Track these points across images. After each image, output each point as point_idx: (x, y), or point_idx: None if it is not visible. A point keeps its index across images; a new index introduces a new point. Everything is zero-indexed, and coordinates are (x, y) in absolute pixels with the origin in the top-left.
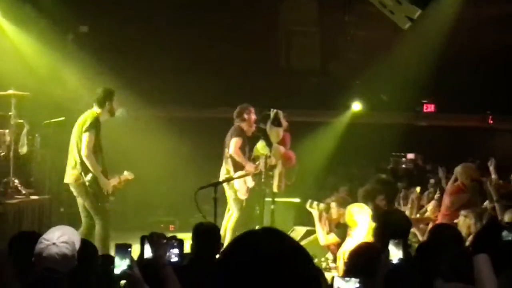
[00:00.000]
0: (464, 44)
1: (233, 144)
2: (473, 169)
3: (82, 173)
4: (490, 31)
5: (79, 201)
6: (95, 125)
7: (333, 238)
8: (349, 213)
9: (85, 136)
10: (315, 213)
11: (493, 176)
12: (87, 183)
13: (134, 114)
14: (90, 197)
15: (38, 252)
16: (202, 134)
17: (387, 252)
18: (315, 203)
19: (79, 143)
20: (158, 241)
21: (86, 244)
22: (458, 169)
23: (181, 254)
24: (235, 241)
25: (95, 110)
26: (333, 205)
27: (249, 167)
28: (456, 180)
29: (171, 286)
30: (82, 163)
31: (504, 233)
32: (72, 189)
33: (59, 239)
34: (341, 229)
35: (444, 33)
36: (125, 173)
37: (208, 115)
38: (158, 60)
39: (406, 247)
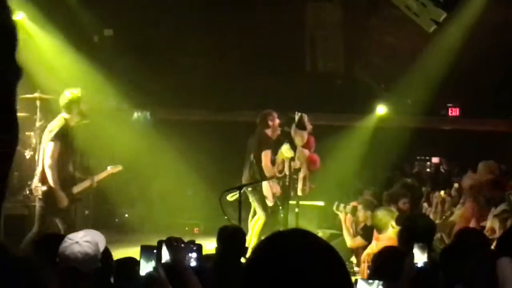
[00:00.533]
0: (490, 46)
1: (264, 158)
2: (495, 166)
3: (40, 182)
4: None
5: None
6: (61, 134)
7: (359, 240)
8: (376, 216)
9: (50, 146)
10: (341, 215)
11: None
12: (40, 193)
13: (158, 117)
14: (41, 206)
15: (61, 251)
16: (227, 137)
17: (411, 255)
18: (341, 205)
19: (45, 151)
20: (176, 245)
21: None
22: (479, 166)
23: (199, 258)
24: (264, 241)
25: (63, 115)
26: (359, 207)
27: (275, 188)
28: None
29: None
30: (43, 171)
31: None
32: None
33: (82, 238)
34: (367, 232)
35: (469, 36)
36: (108, 168)
37: (233, 118)
38: (181, 63)
39: (430, 251)
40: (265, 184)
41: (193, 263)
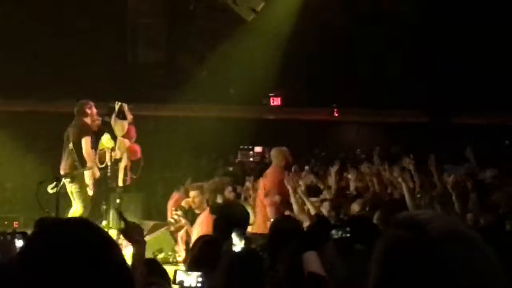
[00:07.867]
0: (312, 36)
1: (84, 145)
2: (287, 152)
3: None
4: (336, 22)
5: None
6: None
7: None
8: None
9: None
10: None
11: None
12: None
13: None
14: None
15: None
16: (49, 128)
17: (230, 241)
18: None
19: None
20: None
21: None
22: (272, 153)
23: None
24: (40, 230)
25: None
26: (195, 193)
27: (96, 175)
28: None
29: None
30: None
31: (333, 231)
32: None
33: None
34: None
35: (289, 25)
36: None
37: (55, 109)
38: (3, 52)
39: (248, 238)
40: (86, 173)
41: None
